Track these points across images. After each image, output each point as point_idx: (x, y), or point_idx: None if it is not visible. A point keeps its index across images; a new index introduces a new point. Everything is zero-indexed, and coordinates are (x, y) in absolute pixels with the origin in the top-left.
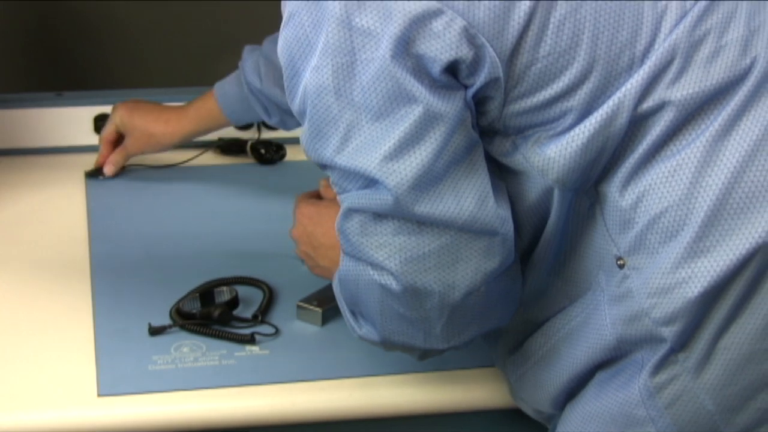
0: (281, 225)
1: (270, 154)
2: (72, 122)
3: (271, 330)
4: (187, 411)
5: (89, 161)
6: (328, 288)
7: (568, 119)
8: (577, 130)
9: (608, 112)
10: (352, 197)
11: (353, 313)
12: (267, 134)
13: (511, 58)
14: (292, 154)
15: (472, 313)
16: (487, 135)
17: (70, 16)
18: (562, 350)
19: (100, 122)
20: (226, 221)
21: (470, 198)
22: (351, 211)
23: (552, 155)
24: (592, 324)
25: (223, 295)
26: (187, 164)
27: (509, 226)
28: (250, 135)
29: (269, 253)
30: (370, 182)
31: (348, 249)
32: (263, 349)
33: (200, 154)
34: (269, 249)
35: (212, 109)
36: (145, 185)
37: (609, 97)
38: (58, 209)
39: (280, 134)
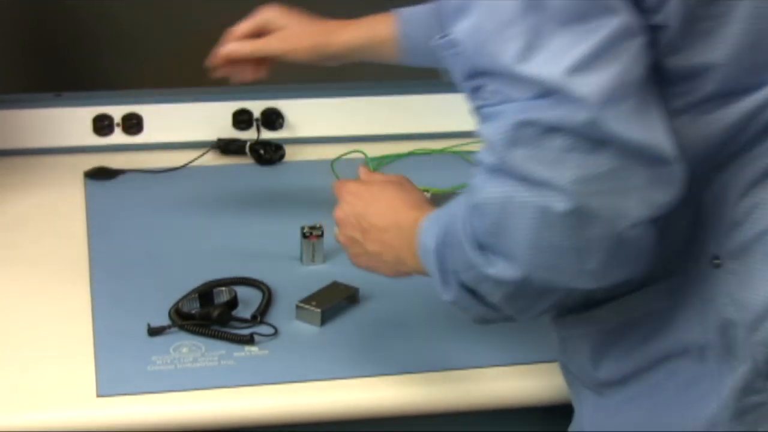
0: (280, 225)
1: (269, 154)
2: (71, 123)
3: (270, 330)
4: (186, 411)
5: (89, 161)
6: (327, 288)
7: (708, 93)
8: (719, 110)
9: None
10: (519, 107)
11: (482, 249)
12: (266, 135)
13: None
14: (291, 154)
15: (629, 250)
16: None
17: (69, 18)
18: (640, 326)
19: (99, 123)
20: (225, 221)
21: (656, 121)
22: (518, 123)
23: (681, 126)
24: (677, 311)
25: (223, 295)
26: (186, 166)
27: (680, 159)
28: (249, 135)
29: (268, 254)
30: (548, 92)
31: (500, 166)
32: (262, 350)
33: (201, 156)
34: (268, 249)
35: (386, 27)
36: (145, 186)
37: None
38: (57, 210)
39: (278, 135)
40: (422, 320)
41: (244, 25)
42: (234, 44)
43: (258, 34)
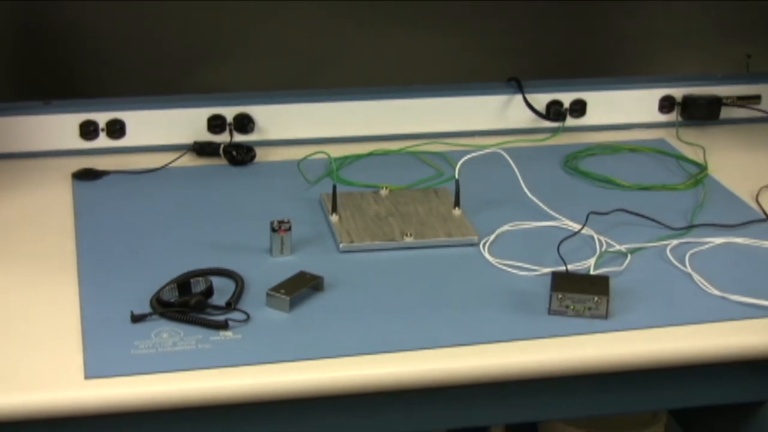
0: (252, 220)
1: (241, 155)
2: (59, 128)
3: (243, 316)
4: (167, 391)
5: (76, 164)
6: (295, 278)
7: None
8: None
9: None
10: None
11: None
12: (238, 138)
13: None
14: (261, 155)
15: None
16: None
17: (57, 32)
18: None
19: (85, 128)
20: (201, 218)
21: None
22: None
23: None
24: None
25: (199, 285)
26: (165, 167)
27: None
28: (222, 139)
29: (241, 247)
30: None
31: None
32: (236, 334)
33: (179, 158)
34: (241, 242)
35: None
36: (128, 186)
37: None
38: (47, 208)
39: (250, 137)
40: (379, 306)
41: None
42: None
43: None
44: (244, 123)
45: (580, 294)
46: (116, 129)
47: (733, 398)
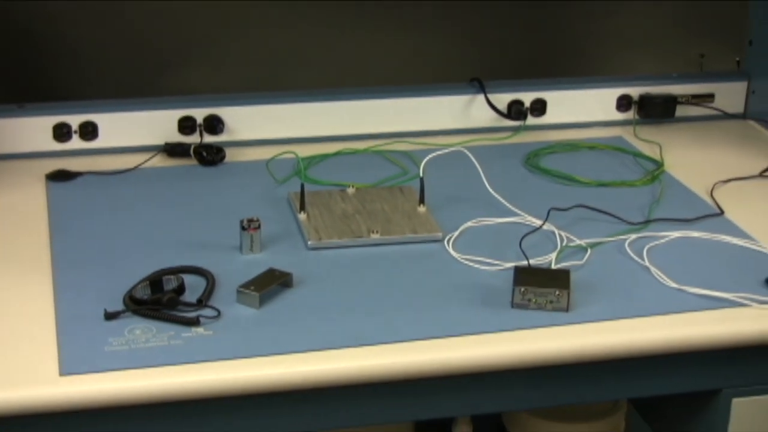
0: (222, 219)
1: (211, 156)
2: (33, 131)
3: (214, 313)
4: (140, 387)
5: (50, 165)
6: (264, 275)
7: None
8: None
9: None
10: None
11: None
12: (208, 139)
13: None
14: (231, 155)
15: None
16: None
17: (30, 37)
18: None
19: (58, 130)
20: (173, 217)
21: None
22: None
23: None
24: None
25: (171, 282)
26: (137, 168)
27: None
28: (193, 140)
29: (212, 245)
30: None
31: None
32: (207, 330)
33: (150, 158)
34: (212, 241)
35: None
36: (101, 187)
37: None
38: (21, 208)
39: (220, 138)
40: (347, 302)
41: None
42: None
43: None
44: (214, 124)
45: (541, 288)
46: (89, 131)
47: (691, 387)
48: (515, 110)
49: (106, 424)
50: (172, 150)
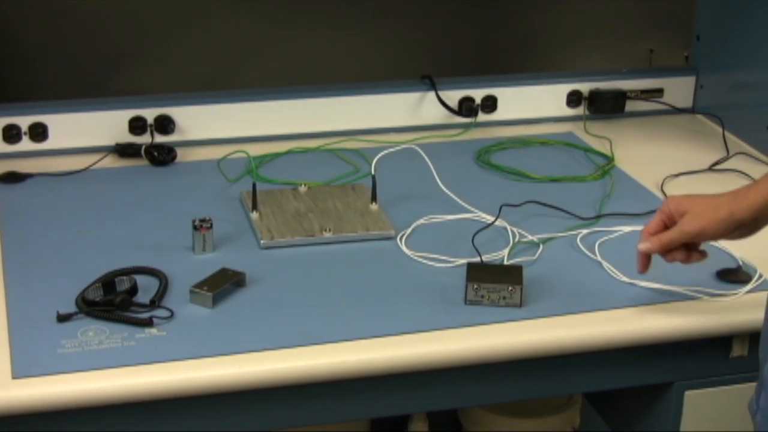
0: (174, 219)
1: (162, 156)
2: None
3: (167, 313)
4: (94, 389)
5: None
6: (217, 274)
7: None
8: None
9: None
10: None
11: None
12: (159, 139)
13: None
14: (182, 155)
15: None
16: None
17: None
18: None
19: (7, 132)
20: (124, 217)
21: None
22: None
23: None
24: None
25: (124, 283)
26: (88, 169)
27: None
28: (144, 140)
29: (164, 245)
30: None
31: None
32: (161, 331)
33: (101, 159)
34: (164, 241)
35: None
36: (52, 188)
37: None
38: None
39: (171, 138)
40: (300, 300)
41: (653, 223)
42: (645, 244)
43: (668, 225)
44: (165, 124)
45: (494, 284)
46: (39, 132)
47: (644, 380)
48: (466, 107)
49: (60, 426)
50: (123, 150)
